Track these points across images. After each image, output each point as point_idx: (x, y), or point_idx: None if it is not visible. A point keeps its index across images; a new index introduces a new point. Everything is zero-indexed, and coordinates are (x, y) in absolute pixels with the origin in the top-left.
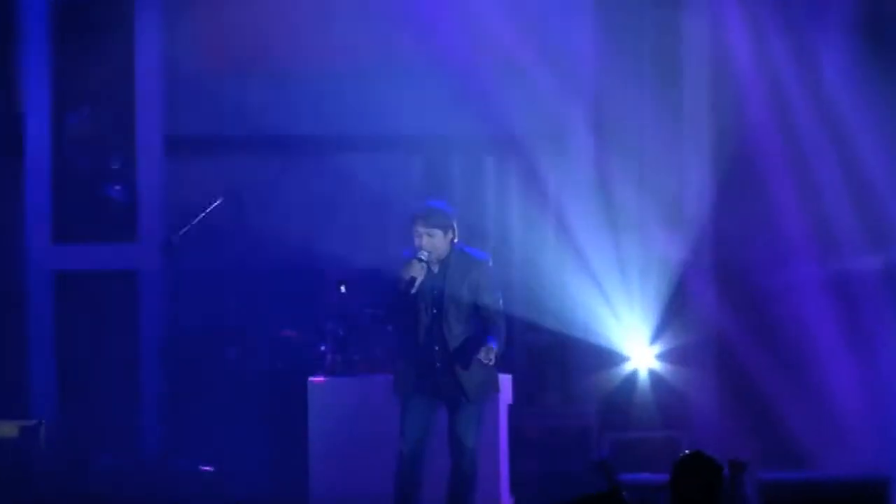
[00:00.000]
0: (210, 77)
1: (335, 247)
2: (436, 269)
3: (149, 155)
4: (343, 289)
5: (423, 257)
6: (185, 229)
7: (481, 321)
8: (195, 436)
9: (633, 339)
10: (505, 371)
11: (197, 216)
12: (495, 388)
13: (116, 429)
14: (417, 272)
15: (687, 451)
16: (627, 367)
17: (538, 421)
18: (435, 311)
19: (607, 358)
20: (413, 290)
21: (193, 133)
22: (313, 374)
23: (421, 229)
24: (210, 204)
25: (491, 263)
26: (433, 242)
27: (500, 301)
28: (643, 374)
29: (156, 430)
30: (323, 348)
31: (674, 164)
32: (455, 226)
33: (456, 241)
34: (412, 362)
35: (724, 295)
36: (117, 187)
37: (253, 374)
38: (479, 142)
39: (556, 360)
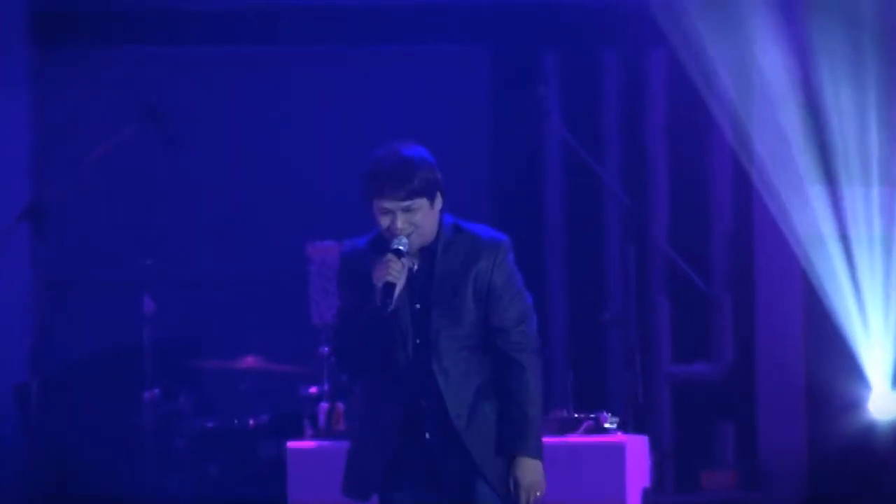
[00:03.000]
0: None
1: (336, 206)
2: (415, 264)
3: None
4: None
5: (402, 247)
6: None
7: (492, 350)
8: None
9: (871, 371)
10: (636, 428)
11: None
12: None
13: None
14: (397, 274)
15: None
16: (859, 419)
17: None
18: (418, 339)
19: (823, 403)
20: (391, 307)
21: (79, 7)
22: (294, 436)
23: (391, 204)
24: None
25: (509, 248)
26: (415, 219)
27: (527, 316)
28: (886, 430)
29: None
30: (314, 390)
31: None
32: (440, 178)
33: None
34: (381, 436)
35: None
36: None
37: (191, 431)
38: (590, 20)
39: (728, 410)
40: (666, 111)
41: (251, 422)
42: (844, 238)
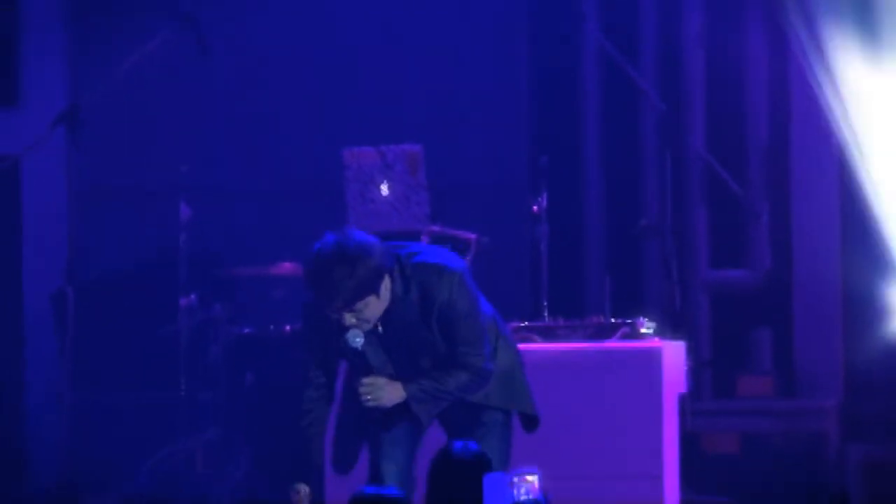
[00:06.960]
0: None
1: (371, 111)
2: (379, 326)
3: None
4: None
5: (358, 345)
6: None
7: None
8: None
9: None
10: (673, 334)
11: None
12: (522, 402)
13: None
14: (383, 398)
15: None
16: None
17: (736, 423)
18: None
19: (860, 310)
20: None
21: None
22: None
23: (339, 313)
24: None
25: (462, 274)
26: (365, 315)
27: (479, 339)
28: None
29: (54, 451)
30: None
31: None
32: (384, 260)
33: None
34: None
35: None
36: None
37: (226, 338)
38: None
39: (765, 317)
40: (703, 20)
41: (287, 328)
42: (884, 143)
